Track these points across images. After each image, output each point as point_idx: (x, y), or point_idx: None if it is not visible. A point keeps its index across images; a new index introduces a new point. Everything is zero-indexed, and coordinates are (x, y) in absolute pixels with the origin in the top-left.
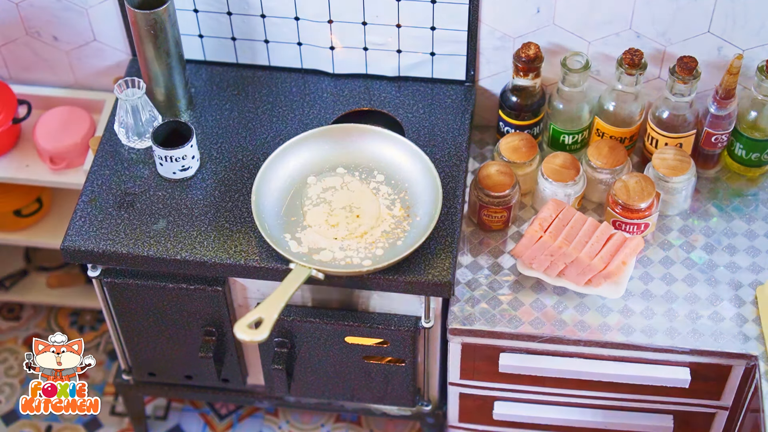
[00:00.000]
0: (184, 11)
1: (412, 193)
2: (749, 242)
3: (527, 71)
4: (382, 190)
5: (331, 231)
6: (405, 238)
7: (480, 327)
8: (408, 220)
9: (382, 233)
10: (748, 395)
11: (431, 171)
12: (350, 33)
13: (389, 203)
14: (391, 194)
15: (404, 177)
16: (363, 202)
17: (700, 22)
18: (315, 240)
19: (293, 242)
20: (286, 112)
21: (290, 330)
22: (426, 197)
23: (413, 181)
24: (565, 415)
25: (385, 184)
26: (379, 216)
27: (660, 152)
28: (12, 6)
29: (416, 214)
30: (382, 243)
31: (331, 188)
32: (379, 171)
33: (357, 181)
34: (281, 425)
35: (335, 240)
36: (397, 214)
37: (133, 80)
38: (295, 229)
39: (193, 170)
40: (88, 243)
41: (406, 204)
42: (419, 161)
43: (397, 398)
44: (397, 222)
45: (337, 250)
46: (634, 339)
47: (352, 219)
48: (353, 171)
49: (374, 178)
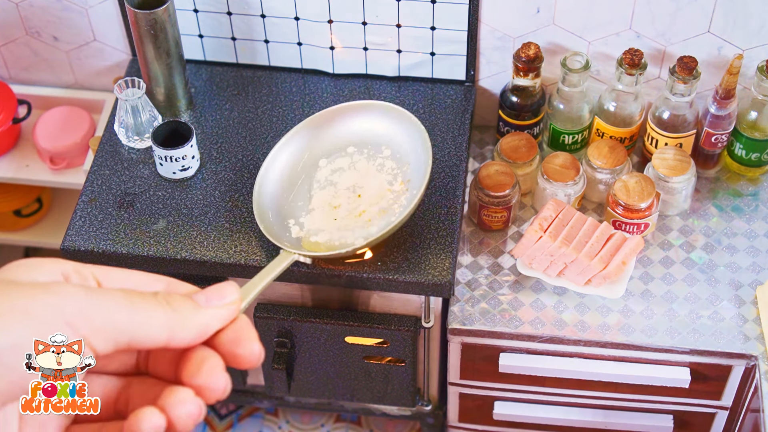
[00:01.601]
0: (184, 11)
1: (414, 167)
2: (749, 242)
3: (527, 71)
4: (387, 165)
5: (332, 213)
6: (399, 213)
7: (480, 327)
8: (405, 194)
9: (380, 210)
10: (748, 395)
11: (425, 141)
12: (350, 33)
13: (391, 178)
14: (395, 168)
15: (407, 149)
16: (366, 182)
17: (700, 22)
18: (315, 222)
19: (296, 227)
20: (286, 112)
21: (290, 330)
22: (421, 169)
23: (414, 152)
24: (565, 415)
25: (390, 159)
26: (379, 193)
27: (660, 152)
28: (12, 6)
29: (414, 186)
30: (378, 220)
31: (339, 169)
32: (386, 146)
33: (364, 160)
34: (281, 425)
35: (335, 221)
36: (397, 188)
37: (133, 80)
38: (300, 213)
39: (193, 170)
40: (88, 243)
41: (407, 177)
42: (416, 132)
43: (397, 398)
44: (396, 197)
45: (334, 231)
46: (634, 339)
47: (354, 199)
48: (362, 149)
49: (381, 153)
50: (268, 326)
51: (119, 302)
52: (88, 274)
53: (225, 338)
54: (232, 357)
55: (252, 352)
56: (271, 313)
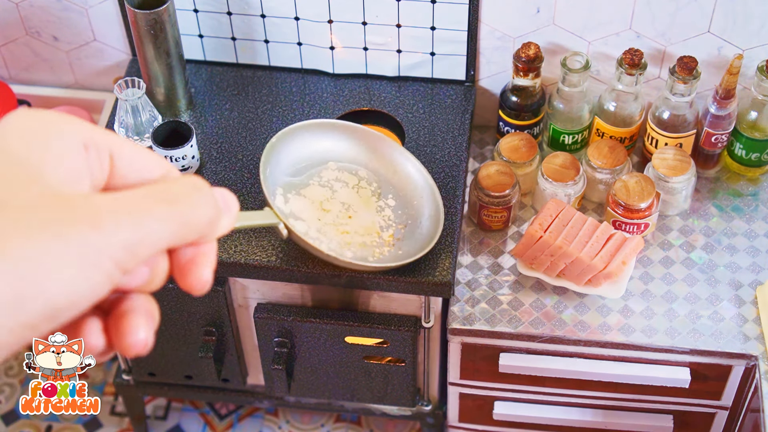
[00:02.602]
0: (184, 11)
1: (409, 230)
2: (749, 242)
3: (527, 71)
4: (386, 212)
5: (319, 212)
6: (377, 260)
7: (480, 327)
8: (391, 249)
9: (361, 243)
10: (748, 395)
11: (438, 220)
12: (350, 33)
13: (385, 226)
14: (391, 221)
15: (411, 214)
16: (362, 211)
17: (700, 22)
18: (300, 209)
19: (281, 198)
20: (286, 112)
21: (290, 330)
22: (418, 240)
23: (417, 222)
24: (565, 415)
25: (392, 210)
26: (367, 228)
27: (660, 152)
28: (12, 6)
29: (400, 247)
30: (355, 249)
31: (343, 182)
32: (394, 196)
33: (369, 192)
34: (281, 425)
35: (318, 221)
36: (386, 238)
37: (133, 80)
38: (290, 190)
39: (193, 170)
40: None
41: (398, 236)
42: (434, 207)
43: (397, 398)
44: (380, 244)
45: (313, 229)
46: (634, 339)
47: (343, 216)
48: (371, 181)
49: (386, 199)
50: (268, 326)
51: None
52: (105, 149)
53: (184, 256)
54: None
55: (200, 278)
56: (271, 313)
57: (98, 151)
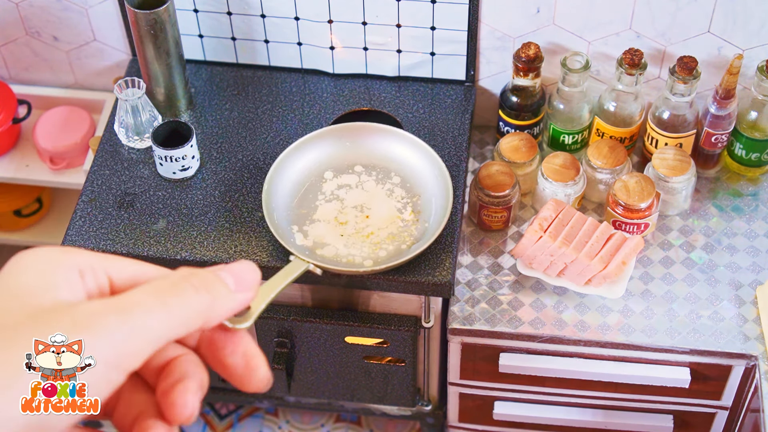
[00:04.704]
0: (184, 11)
1: (425, 199)
2: (749, 242)
3: (527, 71)
4: (396, 192)
5: (338, 228)
6: (410, 242)
7: (480, 327)
8: (416, 224)
9: (389, 235)
10: (748, 395)
11: (446, 179)
12: (350, 33)
13: (401, 206)
14: (404, 197)
15: (419, 182)
16: (375, 204)
17: (700, 22)
18: (321, 235)
19: (299, 234)
20: (286, 112)
21: (290, 330)
22: (437, 204)
23: (427, 186)
24: (565, 415)
25: (400, 187)
26: (388, 218)
27: (660, 152)
28: (12, 6)
29: (425, 219)
30: (386, 245)
31: (346, 186)
32: (396, 173)
33: (372, 182)
34: (281, 425)
35: (341, 237)
36: (407, 218)
37: (133, 80)
38: (304, 221)
39: (193, 170)
40: (88, 243)
41: (417, 209)
42: (436, 168)
43: (397, 398)
44: (406, 225)
45: (341, 247)
46: (634, 339)
47: (361, 218)
48: (371, 171)
49: (390, 179)
50: (268, 326)
51: (154, 312)
52: (101, 271)
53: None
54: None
55: (260, 378)
56: (271, 313)
57: (95, 275)
